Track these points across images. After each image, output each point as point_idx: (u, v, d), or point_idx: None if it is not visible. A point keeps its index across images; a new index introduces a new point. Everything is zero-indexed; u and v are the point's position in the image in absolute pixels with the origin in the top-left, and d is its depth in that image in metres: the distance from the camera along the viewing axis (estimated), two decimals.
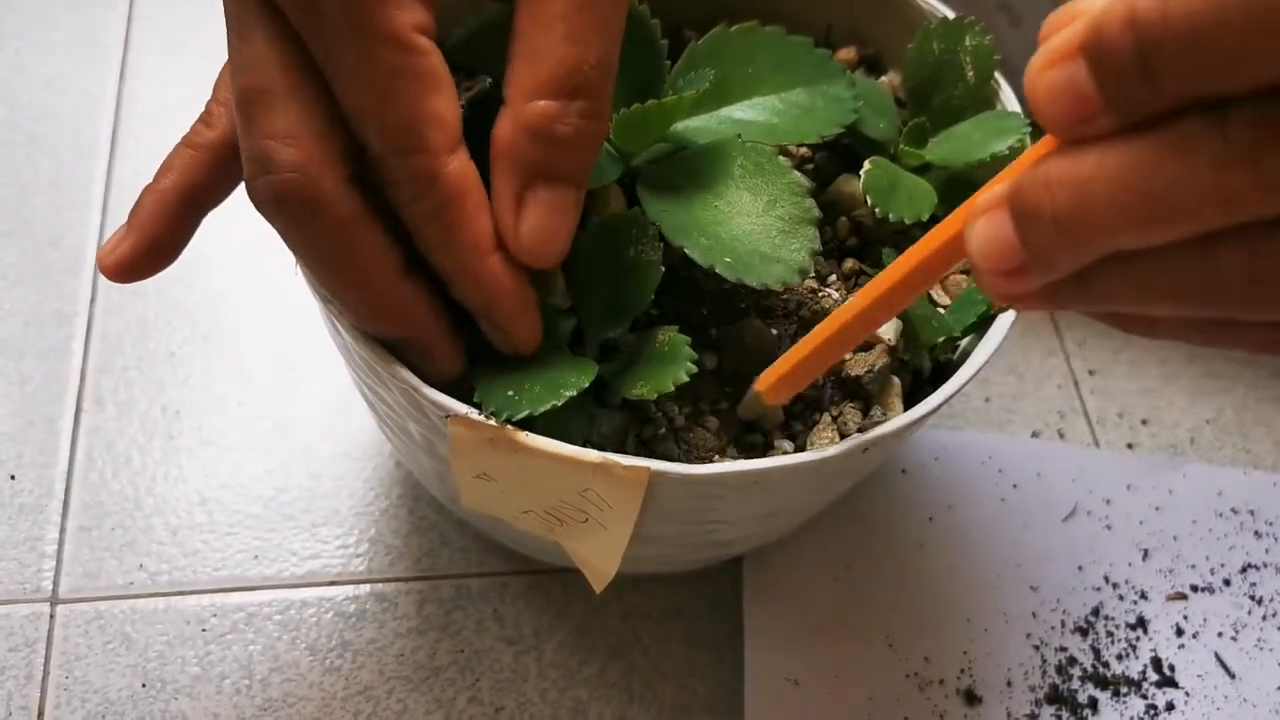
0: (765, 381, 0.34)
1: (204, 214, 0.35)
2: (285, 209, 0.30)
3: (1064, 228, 0.21)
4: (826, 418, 0.36)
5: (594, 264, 0.36)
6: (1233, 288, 0.21)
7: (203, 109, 0.35)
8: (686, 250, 0.35)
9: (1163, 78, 0.19)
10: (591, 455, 0.32)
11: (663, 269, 0.35)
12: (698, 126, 0.40)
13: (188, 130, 0.35)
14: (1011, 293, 0.24)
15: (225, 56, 0.31)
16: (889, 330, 0.37)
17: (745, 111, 0.40)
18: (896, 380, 0.37)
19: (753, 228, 0.36)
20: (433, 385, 0.33)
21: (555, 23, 0.30)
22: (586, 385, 0.33)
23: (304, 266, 0.32)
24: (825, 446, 0.34)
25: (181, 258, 0.56)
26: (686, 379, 0.34)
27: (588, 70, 0.30)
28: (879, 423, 0.35)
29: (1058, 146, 0.22)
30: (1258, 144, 0.19)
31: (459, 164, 0.30)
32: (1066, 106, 0.21)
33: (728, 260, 0.35)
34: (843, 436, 0.36)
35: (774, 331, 0.38)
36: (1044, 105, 0.21)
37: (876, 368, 0.36)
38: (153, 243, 0.34)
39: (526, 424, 0.33)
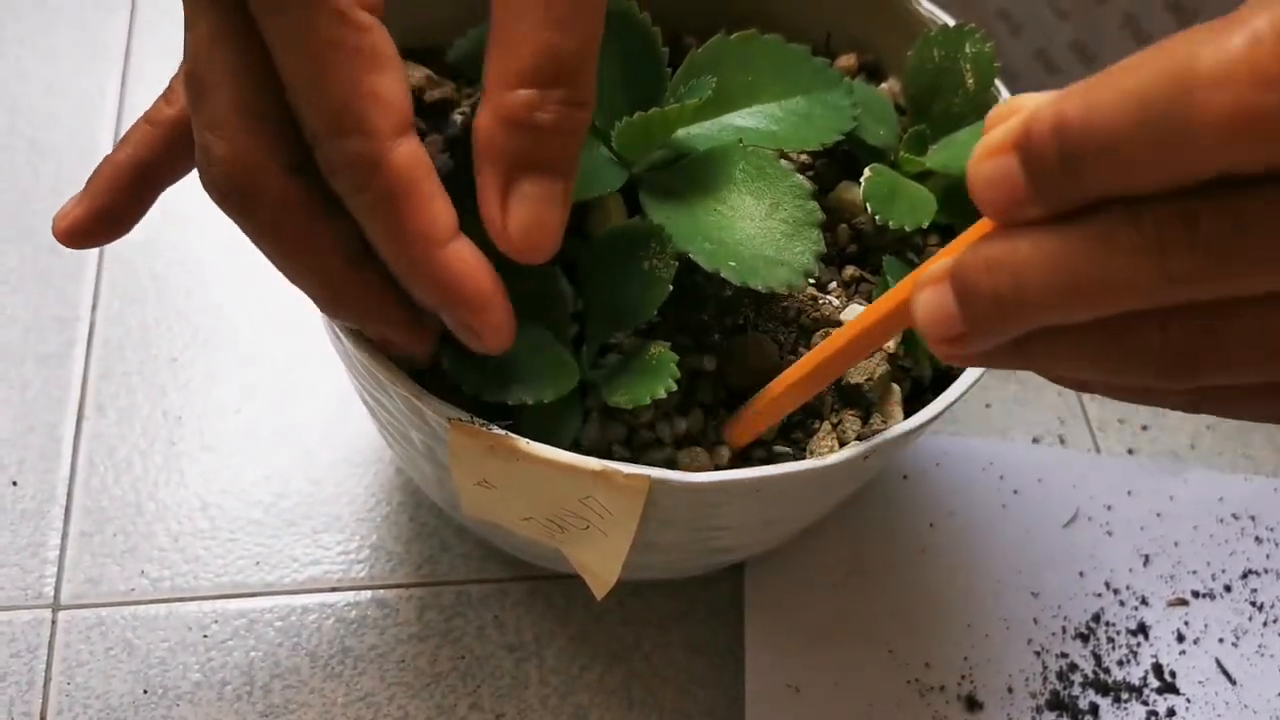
0: (728, 429, 0.36)
1: (159, 189, 0.35)
2: (227, 201, 0.29)
3: (1000, 305, 0.24)
4: (826, 425, 0.36)
5: (604, 271, 0.36)
6: (1148, 361, 0.23)
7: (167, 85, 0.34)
8: (691, 255, 0.34)
9: (1082, 176, 0.22)
10: (592, 463, 0.32)
11: (671, 286, 0.35)
12: (698, 134, 0.40)
13: (150, 106, 0.34)
14: (952, 355, 0.26)
15: None
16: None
17: (745, 119, 0.40)
18: (896, 388, 0.37)
19: (756, 231, 0.36)
20: (405, 369, 0.33)
21: (530, 8, 0.29)
22: (565, 392, 0.33)
23: (264, 255, 0.31)
24: (825, 454, 0.34)
25: (181, 263, 0.56)
26: (664, 395, 0.33)
27: (566, 56, 0.29)
28: (879, 430, 0.35)
29: (995, 228, 0.24)
30: (1165, 240, 0.21)
31: (406, 149, 0.28)
32: (1001, 195, 0.23)
33: (732, 264, 0.35)
34: (842, 444, 0.36)
35: (779, 340, 0.38)
36: (982, 192, 0.23)
37: (876, 375, 0.36)
38: (103, 211, 0.34)
39: (508, 416, 0.33)
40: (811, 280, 0.36)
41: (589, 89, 0.30)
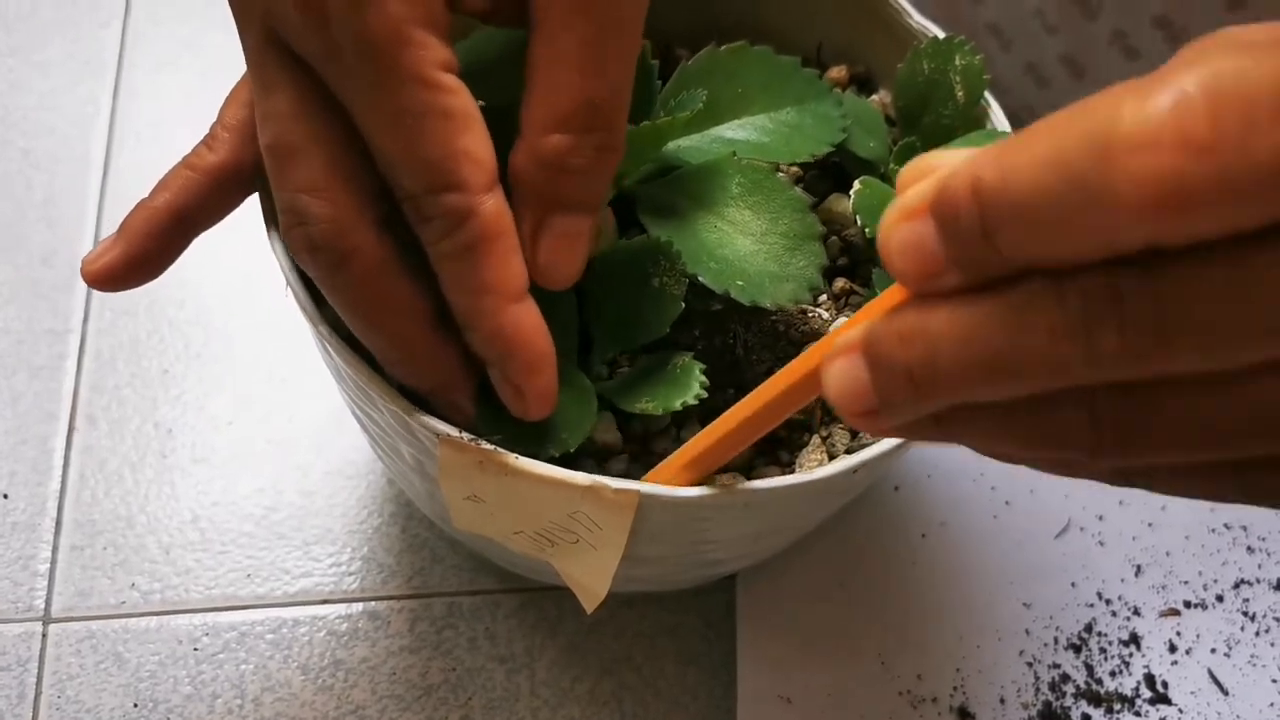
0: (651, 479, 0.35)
1: (194, 235, 0.35)
2: (320, 259, 0.30)
3: (914, 381, 0.22)
4: (815, 439, 0.36)
5: (613, 288, 0.36)
6: (1072, 440, 0.22)
7: (207, 131, 0.35)
8: (700, 277, 0.35)
9: (1001, 244, 0.20)
10: (580, 478, 0.32)
11: (683, 303, 0.35)
12: (689, 146, 0.40)
13: (190, 151, 0.35)
14: (868, 428, 0.25)
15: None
16: None
17: (736, 131, 0.40)
18: None
19: (758, 247, 0.36)
20: (395, 385, 0.34)
21: (571, 54, 0.30)
22: (587, 430, 0.34)
23: (341, 315, 0.32)
24: (814, 468, 0.34)
25: (174, 276, 0.56)
26: (695, 402, 0.34)
27: (601, 103, 0.30)
28: (868, 444, 0.35)
29: (910, 297, 0.23)
30: (1089, 315, 0.20)
31: (494, 203, 0.30)
32: (915, 262, 0.22)
33: (740, 283, 0.35)
34: (832, 458, 0.36)
35: (766, 356, 0.38)
36: (895, 259, 0.22)
37: None
38: (137, 257, 0.34)
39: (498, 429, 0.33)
40: (815, 294, 0.36)
41: (622, 133, 0.31)
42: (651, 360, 0.37)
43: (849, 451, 0.36)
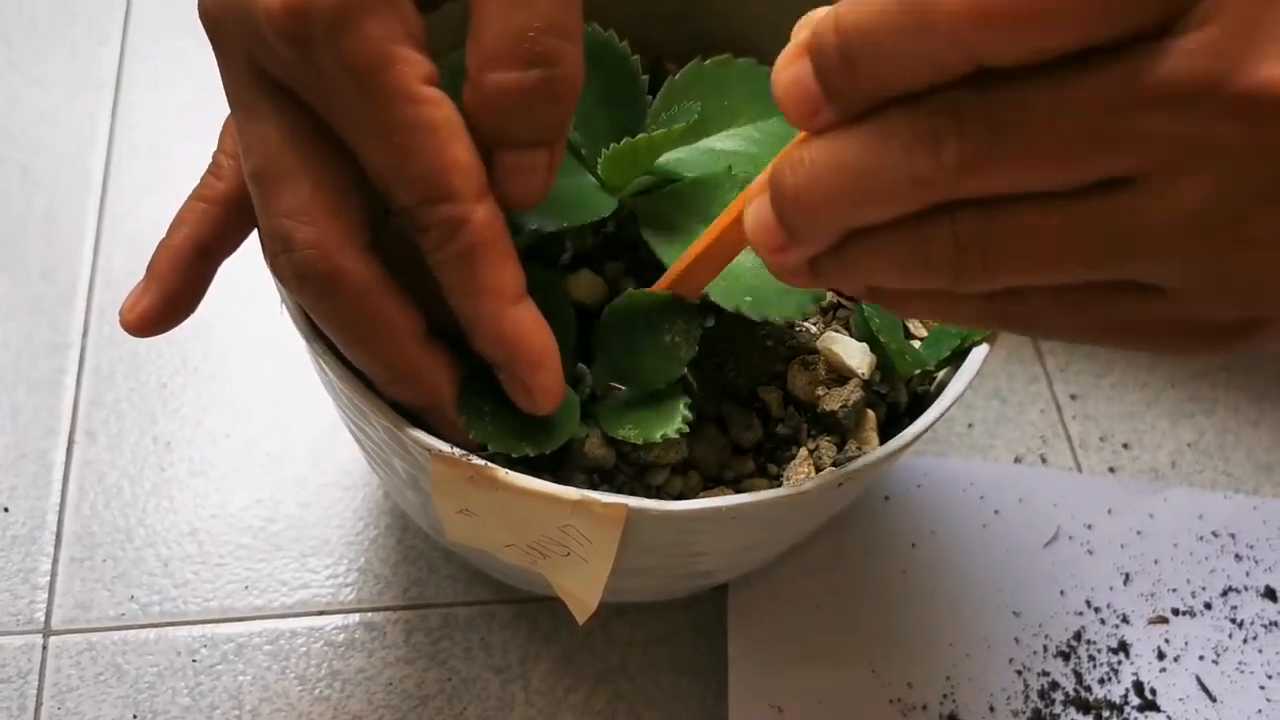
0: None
1: (218, 263, 0.36)
2: (307, 284, 0.31)
3: (801, 204, 0.25)
4: (803, 452, 0.37)
5: (621, 335, 0.37)
6: (941, 260, 0.24)
7: (210, 161, 0.35)
8: (708, 295, 0.35)
9: (860, 73, 0.23)
10: (570, 493, 0.33)
11: (686, 366, 0.36)
12: (680, 158, 0.40)
13: (198, 183, 0.35)
14: (783, 265, 0.27)
15: (218, 89, 0.32)
16: (863, 364, 0.38)
17: (725, 142, 0.41)
18: (871, 414, 0.38)
19: (760, 262, 0.36)
20: (387, 400, 0.34)
21: None
22: (565, 440, 0.34)
23: (331, 337, 0.33)
24: (801, 481, 0.35)
25: None
26: (676, 436, 0.34)
27: (535, 35, 0.29)
28: (854, 457, 0.36)
29: (805, 136, 0.25)
30: (938, 131, 0.22)
31: (486, 210, 0.30)
32: (797, 100, 0.24)
33: (748, 299, 0.35)
34: (819, 470, 0.36)
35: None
36: (782, 99, 0.25)
37: (851, 403, 0.37)
38: (170, 296, 0.35)
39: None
40: (819, 306, 0.36)
41: (569, 66, 0.30)
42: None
43: (836, 464, 0.36)
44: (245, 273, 0.46)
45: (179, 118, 0.62)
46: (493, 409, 0.34)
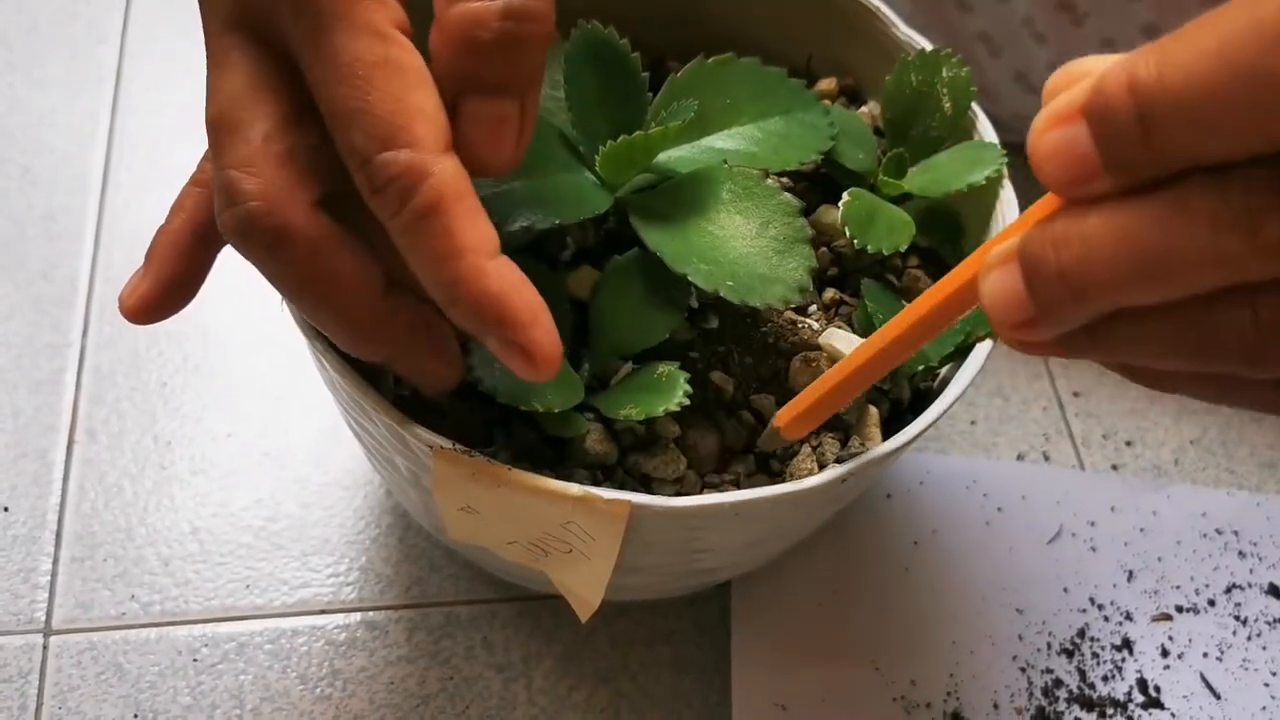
0: (784, 418, 0.35)
1: (217, 250, 0.35)
2: (251, 239, 0.29)
3: (1068, 285, 0.22)
4: (805, 448, 0.37)
5: (613, 296, 0.37)
6: (1234, 346, 0.21)
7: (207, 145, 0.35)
8: (689, 277, 0.35)
9: (1161, 142, 0.20)
10: (572, 489, 0.33)
11: (685, 313, 0.36)
12: (680, 156, 0.40)
13: (195, 169, 0.35)
14: (1023, 341, 0.24)
15: None
16: None
17: (725, 141, 0.41)
18: (874, 410, 0.38)
19: (749, 250, 0.37)
20: (387, 396, 0.34)
21: None
22: (573, 402, 0.34)
23: (281, 295, 0.31)
24: (804, 477, 0.35)
25: None
26: (677, 409, 0.34)
27: None
28: (857, 453, 0.35)
29: (1063, 205, 0.22)
30: (1255, 208, 0.19)
31: (452, 163, 0.28)
32: (1068, 167, 0.21)
33: (730, 284, 0.35)
34: (822, 467, 0.36)
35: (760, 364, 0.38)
36: (1046, 165, 0.22)
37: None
38: (169, 281, 0.34)
39: (490, 442, 0.33)
40: (804, 295, 0.36)
41: (539, 4, 0.29)
42: (636, 369, 0.37)
43: (839, 461, 0.36)
44: (246, 272, 0.46)
45: (179, 118, 0.62)
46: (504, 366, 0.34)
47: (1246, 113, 0.19)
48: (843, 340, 0.38)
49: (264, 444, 0.52)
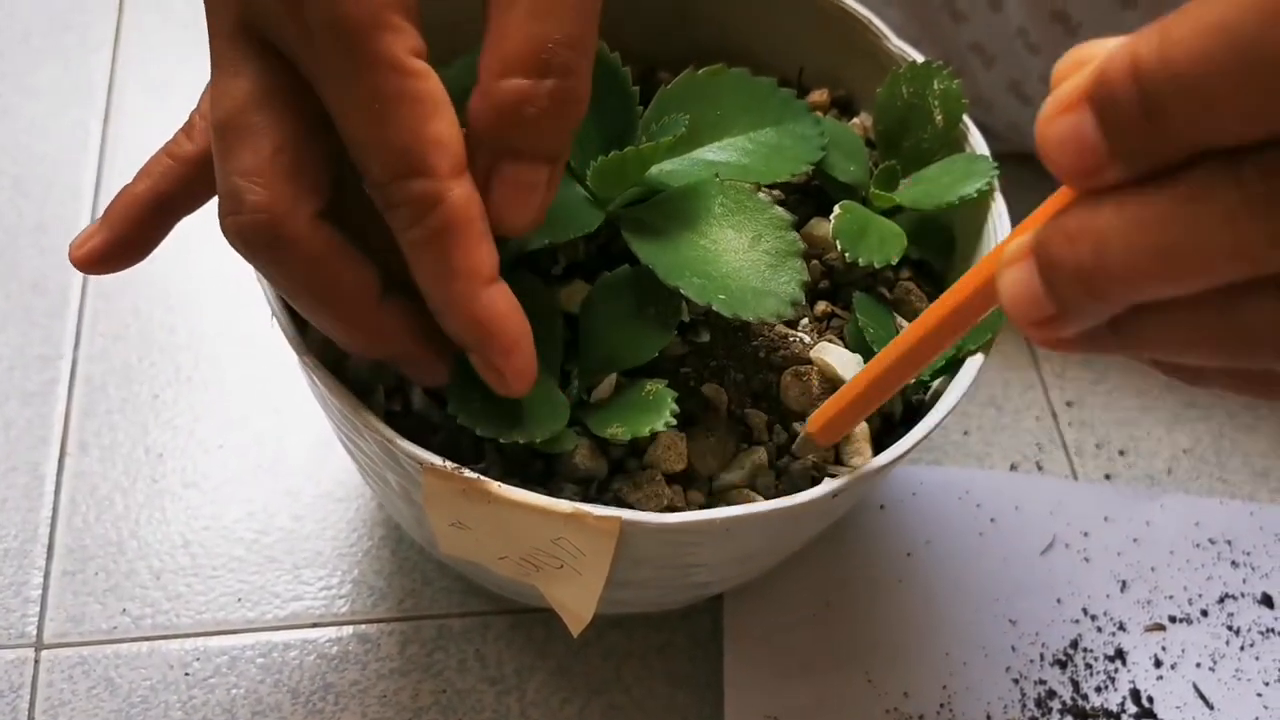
0: (815, 423, 0.35)
1: (175, 220, 0.36)
2: (254, 248, 0.30)
3: (1086, 280, 0.21)
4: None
5: (604, 313, 0.37)
6: (1262, 339, 0.21)
7: (186, 119, 0.35)
8: (681, 290, 0.35)
9: (1167, 124, 0.19)
10: (562, 506, 0.33)
11: (675, 332, 0.36)
12: (671, 169, 0.40)
13: (169, 138, 0.35)
14: (1046, 339, 0.24)
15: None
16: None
17: (716, 153, 0.41)
18: (865, 425, 0.38)
19: (741, 264, 0.37)
20: (378, 412, 0.34)
21: (520, 1, 0.30)
22: (556, 431, 0.34)
23: (280, 294, 0.32)
24: (795, 493, 0.35)
25: (164, 301, 0.56)
26: (663, 428, 0.34)
27: (554, 46, 0.29)
28: (848, 469, 0.35)
29: (1076, 196, 0.22)
30: (1273, 195, 0.19)
31: (463, 190, 0.30)
32: (1075, 156, 0.21)
33: (722, 297, 0.35)
34: (813, 482, 0.36)
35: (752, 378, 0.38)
36: (1054, 155, 0.21)
37: None
38: (119, 241, 0.35)
39: (481, 458, 0.33)
40: (796, 309, 0.36)
41: (582, 81, 0.30)
42: (626, 389, 0.37)
43: (830, 476, 0.36)
44: (238, 284, 0.46)
45: (171, 127, 0.62)
46: (483, 395, 0.34)
47: (1252, 89, 0.18)
48: (835, 355, 0.38)
49: (256, 456, 0.52)
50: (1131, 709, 0.47)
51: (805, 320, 0.40)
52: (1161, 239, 0.20)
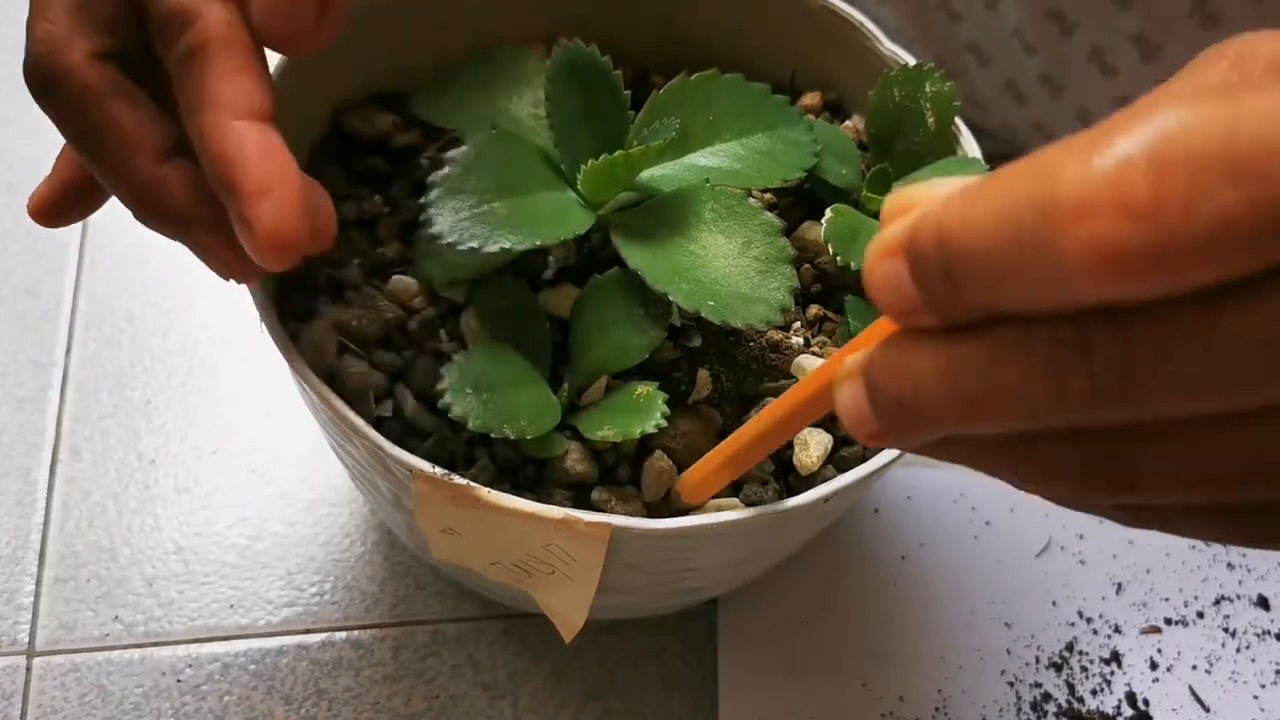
0: (685, 482, 0.35)
1: None
2: (30, 82, 0.29)
3: (905, 411, 0.23)
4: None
5: (594, 315, 0.37)
6: (1065, 476, 0.22)
7: None
8: (670, 296, 0.35)
9: (963, 292, 0.20)
10: (553, 511, 0.33)
11: (666, 333, 0.36)
12: (663, 174, 0.40)
13: None
14: (878, 446, 0.25)
15: None
16: None
17: (708, 158, 0.41)
18: (826, 434, 0.38)
19: (731, 270, 0.36)
20: (367, 418, 0.34)
21: None
22: (547, 429, 0.34)
23: (69, 146, 0.31)
24: (786, 498, 0.35)
25: (156, 305, 0.56)
26: (655, 431, 0.34)
27: None
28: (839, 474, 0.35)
29: (900, 329, 0.23)
30: (1057, 362, 0.20)
31: (223, 13, 0.28)
32: (895, 299, 0.22)
33: (711, 304, 0.35)
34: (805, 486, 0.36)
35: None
36: (877, 294, 0.22)
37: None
38: (67, 185, 0.34)
39: (472, 464, 0.33)
40: (785, 316, 0.36)
41: None
42: (617, 392, 0.37)
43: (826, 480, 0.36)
44: (230, 289, 0.45)
45: None
46: (476, 389, 0.34)
47: (1028, 276, 0.19)
48: (816, 367, 0.38)
49: (249, 461, 0.52)
50: (1127, 712, 0.47)
51: (797, 323, 0.40)
52: (967, 388, 0.21)
